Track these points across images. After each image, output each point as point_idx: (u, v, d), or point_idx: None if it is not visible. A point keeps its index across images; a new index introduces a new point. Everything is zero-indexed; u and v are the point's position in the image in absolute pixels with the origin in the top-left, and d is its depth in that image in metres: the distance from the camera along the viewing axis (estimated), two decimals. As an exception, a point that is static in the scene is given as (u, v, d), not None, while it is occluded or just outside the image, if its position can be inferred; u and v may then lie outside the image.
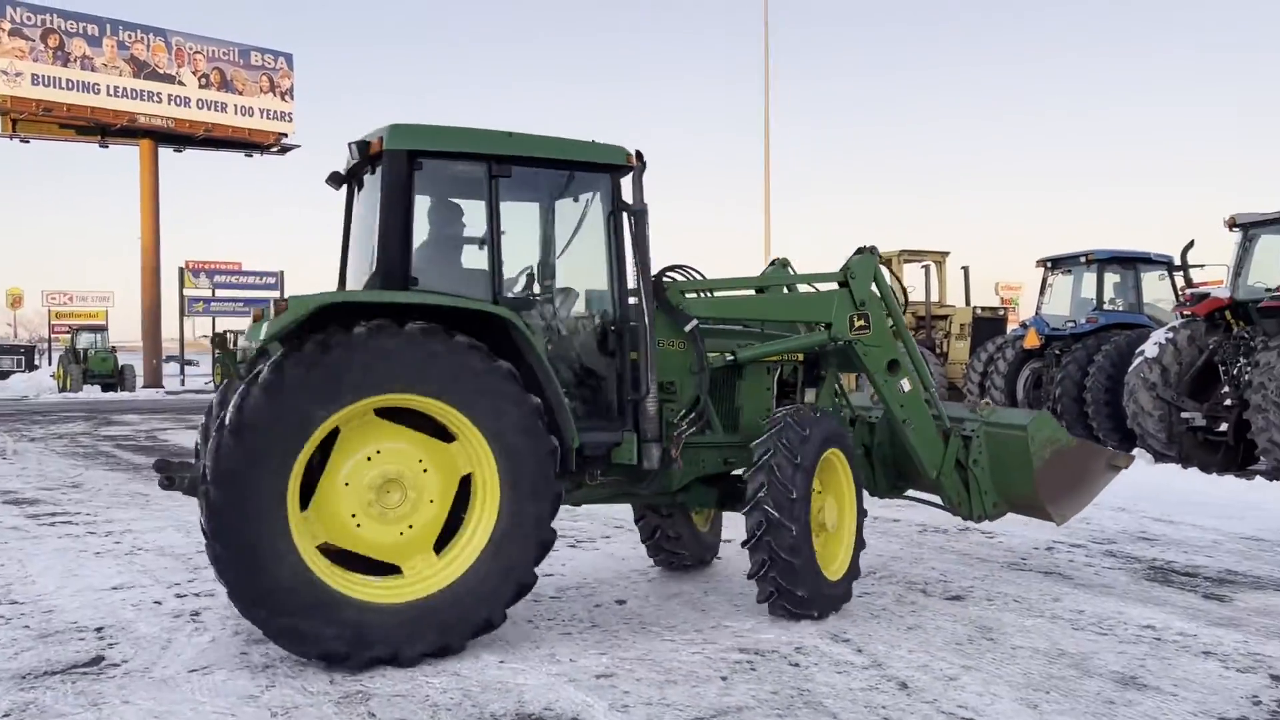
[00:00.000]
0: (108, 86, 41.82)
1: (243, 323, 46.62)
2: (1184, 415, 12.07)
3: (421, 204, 5.32)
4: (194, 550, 7.49)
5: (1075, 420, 14.55)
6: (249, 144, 46.65)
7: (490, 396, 4.80)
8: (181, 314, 45.97)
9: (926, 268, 19.26)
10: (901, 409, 6.19)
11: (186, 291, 45.45)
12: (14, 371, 45.15)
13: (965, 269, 19.86)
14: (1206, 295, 12.24)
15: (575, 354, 5.57)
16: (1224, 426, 11.75)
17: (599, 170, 5.53)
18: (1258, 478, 10.68)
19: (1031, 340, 15.96)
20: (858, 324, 6.09)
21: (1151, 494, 10.27)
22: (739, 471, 5.96)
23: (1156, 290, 16.07)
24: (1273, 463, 10.71)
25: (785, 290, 6.47)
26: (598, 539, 7.97)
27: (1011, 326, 18.54)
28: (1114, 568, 6.95)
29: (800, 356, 6.42)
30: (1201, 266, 14.61)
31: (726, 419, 6.11)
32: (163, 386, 42.43)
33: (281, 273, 47.60)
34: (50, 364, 47.50)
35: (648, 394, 5.37)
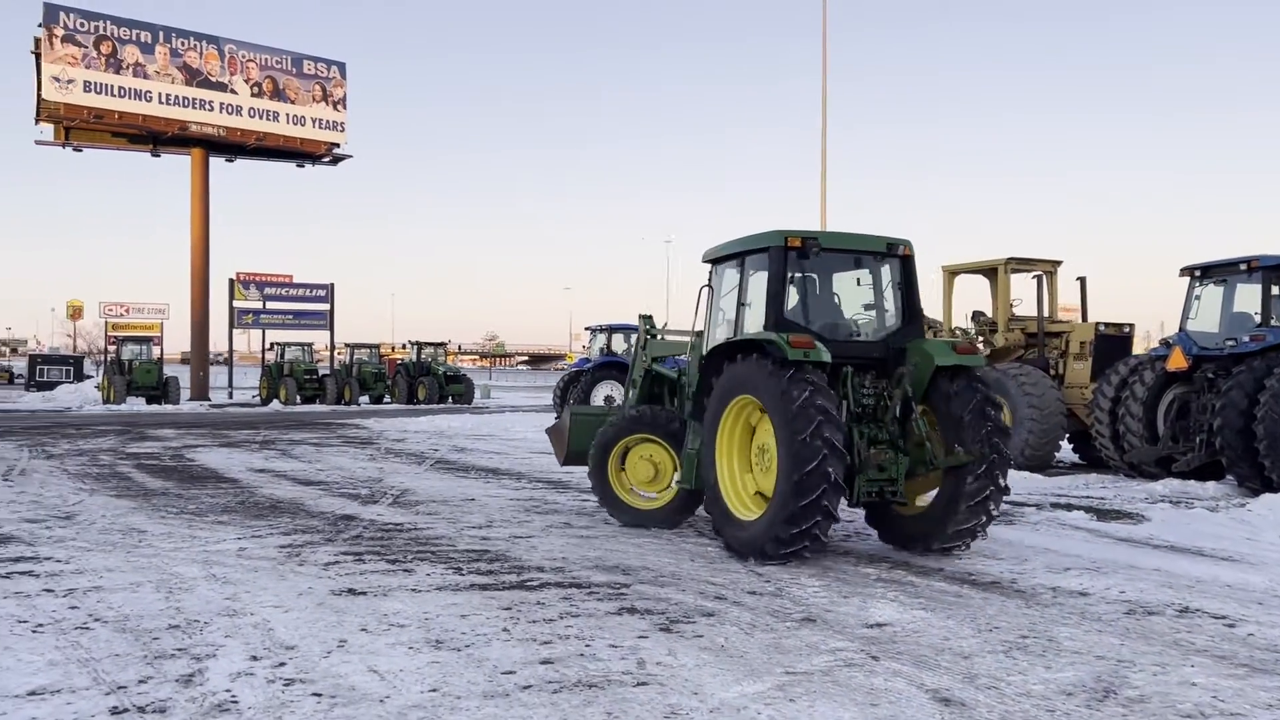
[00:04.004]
0: (160, 94, 41.04)
1: (293, 336, 45.66)
2: None
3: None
4: (164, 625, 5.65)
5: (1241, 456, 12.25)
6: (300, 154, 45.65)
7: None
8: (231, 326, 44.91)
9: (1038, 278, 17.00)
10: None
11: (236, 303, 44.40)
12: (61, 382, 44.42)
13: (1082, 280, 17.57)
14: None
15: None
16: None
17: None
18: None
19: (1177, 361, 13.68)
20: None
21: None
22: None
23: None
24: None
25: None
26: (696, 617, 5.98)
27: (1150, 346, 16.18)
28: None
29: None
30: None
31: None
32: (209, 399, 41.32)
33: (331, 285, 46.36)
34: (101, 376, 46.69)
35: None
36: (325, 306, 46.00)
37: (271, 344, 43.86)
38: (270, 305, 45.32)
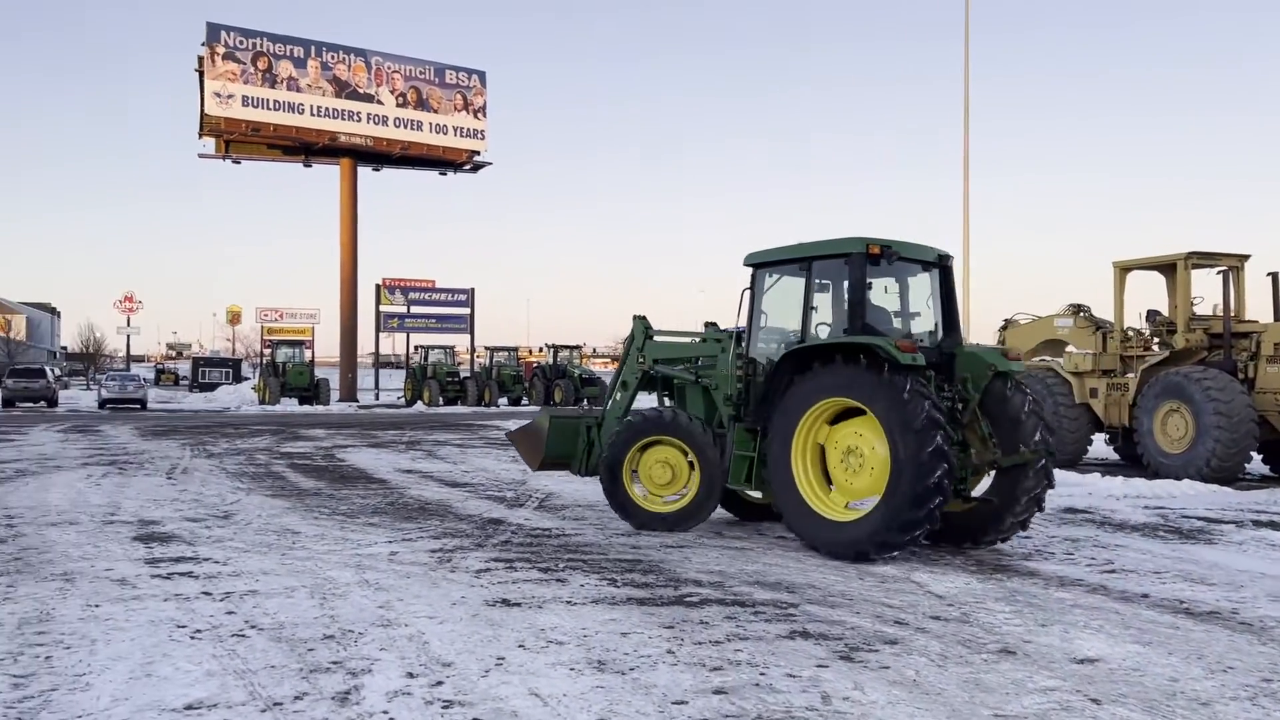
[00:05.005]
0: (311, 106, 42.64)
1: (436, 339, 46.80)
2: None
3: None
4: (319, 635, 5.47)
5: None
6: (443, 162, 46.72)
7: None
8: (378, 330, 46.31)
9: (1224, 274, 15.58)
10: None
11: (382, 308, 45.74)
12: (221, 384, 46.80)
13: (1273, 275, 16.05)
14: None
15: None
16: None
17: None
18: None
19: (1396, 364, 12.23)
20: None
21: None
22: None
23: None
24: None
25: None
26: (877, 644, 5.43)
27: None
28: None
29: None
30: None
31: None
32: (357, 400, 42.71)
33: (472, 290, 47.32)
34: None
35: None
36: (466, 310, 46.95)
37: (416, 347, 45.02)
38: (414, 309, 46.53)
